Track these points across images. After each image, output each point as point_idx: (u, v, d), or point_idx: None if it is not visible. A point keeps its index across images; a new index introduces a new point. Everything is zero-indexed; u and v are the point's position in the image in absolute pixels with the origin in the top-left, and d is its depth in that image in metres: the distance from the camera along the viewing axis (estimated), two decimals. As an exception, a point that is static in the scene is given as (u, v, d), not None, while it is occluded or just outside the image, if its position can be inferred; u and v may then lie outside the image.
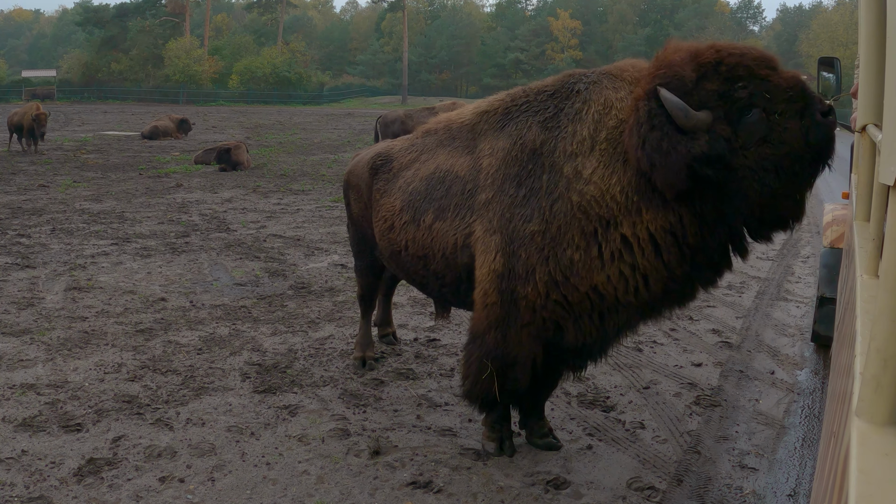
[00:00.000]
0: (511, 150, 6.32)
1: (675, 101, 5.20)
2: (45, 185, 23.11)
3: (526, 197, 6.11)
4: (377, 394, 8.04)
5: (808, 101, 5.23)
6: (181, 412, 7.43)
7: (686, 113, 5.18)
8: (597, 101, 6.06)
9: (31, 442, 6.75)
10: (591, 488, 6.24)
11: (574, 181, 5.89)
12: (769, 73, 5.26)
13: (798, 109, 5.19)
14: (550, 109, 6.27)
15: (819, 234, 15.33)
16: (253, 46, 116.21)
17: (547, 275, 5.98)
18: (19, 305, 10.67)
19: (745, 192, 5.34)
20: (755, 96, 5.21)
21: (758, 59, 5.31)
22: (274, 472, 6.36)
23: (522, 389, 6.54)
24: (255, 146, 36.83)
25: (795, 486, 6.41)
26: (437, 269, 6.86)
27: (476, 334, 6.53)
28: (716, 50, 5.35)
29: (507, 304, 6.21)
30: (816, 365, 9.28)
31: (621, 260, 5.76)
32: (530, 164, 6.18)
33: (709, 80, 5.28)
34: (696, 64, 5.33)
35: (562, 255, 5.91)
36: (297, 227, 17.29)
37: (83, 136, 43.35)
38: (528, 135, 6.27)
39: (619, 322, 6.11)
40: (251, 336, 9.66)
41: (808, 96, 5.25)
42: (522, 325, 6.21)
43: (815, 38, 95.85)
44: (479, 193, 6.43)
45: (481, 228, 6.34)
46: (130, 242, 15.08)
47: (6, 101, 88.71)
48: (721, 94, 5.25)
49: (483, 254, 6.30)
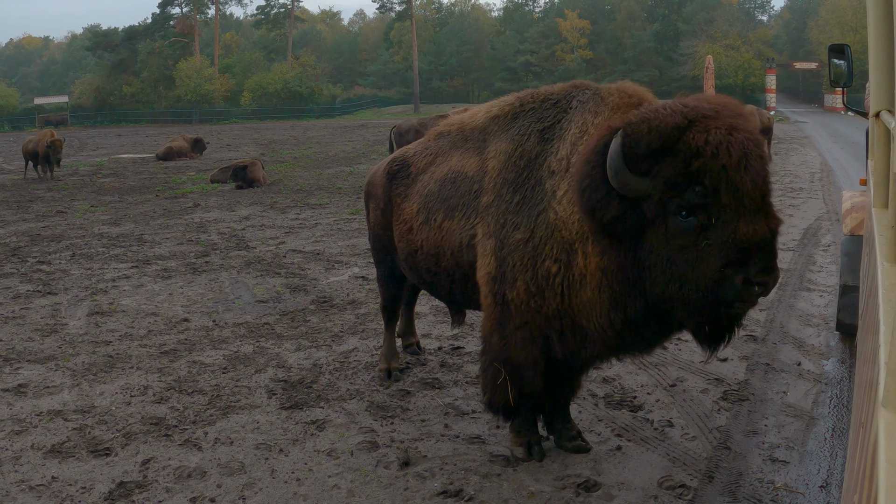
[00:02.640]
0: (512, 155, 6.45)
1: (616, 158, 5.00)
2: (62, 211, 23.21)
3: (519, 204, 6.24)
4: (404, 404, 8.04)
5: (747, 260, 4.82)
6: (209, 432, 7.44)
7: (615, 174, 5.00)
8: (577, 122, 6.16)
9: (61, 468, 6.78)
10: (623, 489, 6.23)
11: (551, 198, 6.01)
12: (735, 204, 4.81)
13: (729, 259, 4.84)
14: (550, 119, 6.40)
15: (839, 222, 15.26)
16: (263, 63, 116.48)
17: (525, 283, 6.07)
18: (43, 332, 10.72)
19: (653, 276, 5.20)
20: (702, 210, 4.88)
21: (738, 185, 4.78)
22: (304, 488, 6.36)
23: (537, 393, 6.56)
24: (270, 162, 36.87)
25: (827, 477, 6.37)
26: (447, 267, 6.97)
27: (484, 337, 6.68)
28: (705, 139, 4.84)
29: (501, 306, 6.33)
30: (843, 354, 9.24)
31: (583, 285, 5.78)
32: (526, 172, 6.30)
33: (670, 159, 4.95)
34: (667, 136, 4.97)
35: (541, 266, 5.98)
36: (316, 241, 17.31)
37: (98, 160, 43.52)
38: (528, 143, 6.40)
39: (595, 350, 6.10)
40: (275, 353, 9.67)
41: (749, 257, 4.81)
42: (516, 327, 6.29)
43: (825, 24, 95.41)
44: (483, 196, 6.57)
45: (482, 231, 6.49)
46: (151, 264, 15.13)
47: (20, 129, 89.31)
48: (671, 181, 4.92)
49: (482, 256, 6.45)
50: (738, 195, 4.80)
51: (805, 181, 25.27)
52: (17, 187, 30.81)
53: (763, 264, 4.83)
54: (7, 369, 9.27)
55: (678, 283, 5.04)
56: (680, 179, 4.87)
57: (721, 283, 4.87)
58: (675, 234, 4.98)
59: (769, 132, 31.05)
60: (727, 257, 4.82)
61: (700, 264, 4.90)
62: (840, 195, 10.99)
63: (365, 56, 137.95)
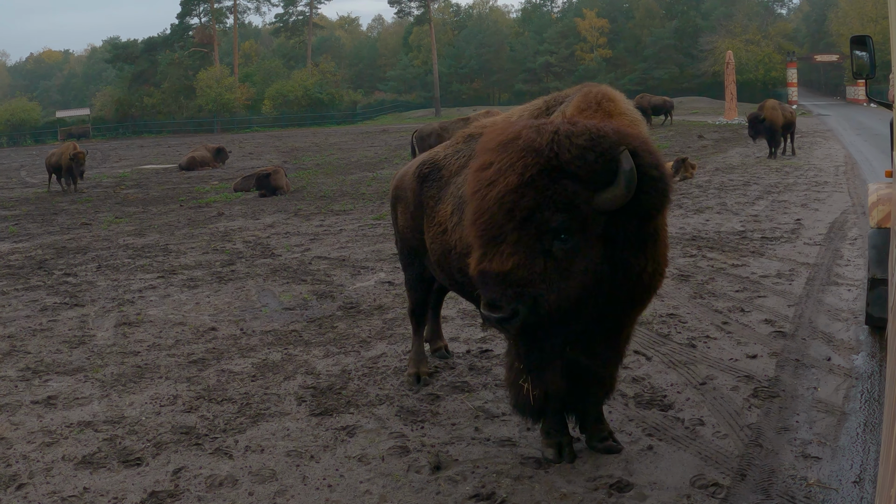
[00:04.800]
0: None
1: None
2: (87, 223, 23.35)
3: None
4: (434, 409, 8.03)
5: None
6: (239, 440, 7.46)
7: None
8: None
9: (93, 479, 6.80)
10: (655, 489, 6.20)
11: None
12: None
13: None
14: None
15: (865, 215, 15.17)
16: (283, 70, 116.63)
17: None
18: (71, 344, 10.77)
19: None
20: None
21: None
22: (336, 494, 6.36)
23: (561, 393, 6.51)
24: (292, 169, 37.00)
25: (860, 472, 6.33)
26: None
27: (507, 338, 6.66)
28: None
29: None
30: (873, 348, 9.18)
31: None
32: None
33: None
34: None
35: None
36: (341, 247, 17.33)
37: (121, 171, 43.80)
38: None
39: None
40: (304, 359, 9.68)
41: None
42: None
43: (845, 15, 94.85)
44: None
45: None
46: (177, 274, 15.18)
47: (42, 143, 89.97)
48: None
49: None
50: None
51: (829, 175, 25.15)
52: (41, 200, 31.02)
53: None
54: (36, 381, 9.32)
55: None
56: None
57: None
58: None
59: (792, 126, 30.96)
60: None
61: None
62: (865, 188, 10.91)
63: (384, 61, 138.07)
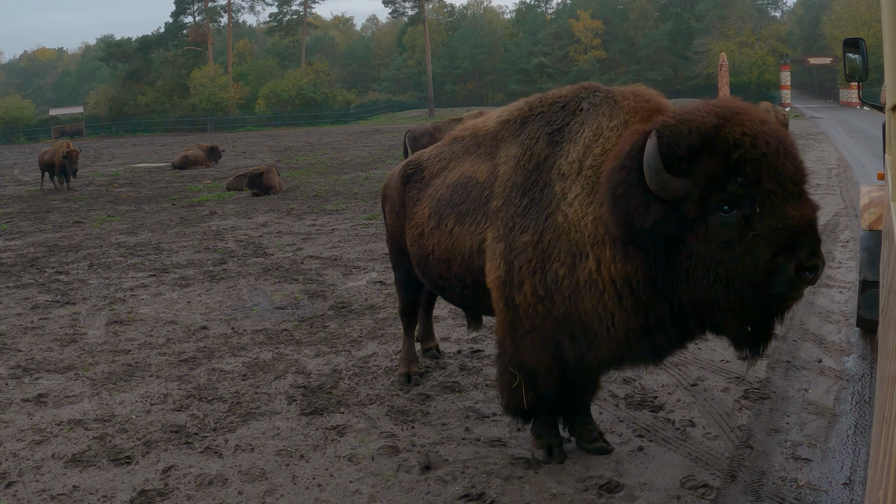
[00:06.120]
0: (521, 158, 6.47)
1: (654, 159, 4.99)
2: (79, 222, 23.33)
3: (527, 207, 6.24)
4: (424, 408, 8.03)
5: (796, 245, 4.83)
6: (229, 439, 7.45)
7: (654, 175, 4.99)
8: (591, 125, 6.12)
9: (82, 477, 6.79)
10: (645, 490, 6.20)
11: (561, 201, 5.99)
12: (779, 189, 4.85)
13: (778, 245, 4.83)
14: (559, 122, 6.41)
15: (857, 218, 15.18)
16: (277, 70, 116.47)
17: (533, 287, 6.07)
18: (62, 342, 10.75)
19: (692, 279, 5.17)
20: (745, 200, 4.88)
21: (780, 171, 4.85)
22: (326, 494, 6.35)
23: (553, 396, 6.53)
24: (285, 169, 36.99)
25: (850, 474, 6.34)
26: (458, 273, 7.00)
27: (498, 341, 6.71)
28: (742, 131, 4.90)
29: (511, 310, 6.33)
30: (864, 350, 9.20)
31: (594, 290, 5.75)
32: (534, 175, 6.30)
33: (709, 156, 4.96)
34: (706, 134, 4.99)
35: (549, 269, 5.98)
36: (333, 247, 17.33)
37: (114, 170, 43.75)
38: (537, 147, 6.41)
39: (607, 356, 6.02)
40: (295, 359, 9.67)
41: (799, 241, 4.83)
42: (525, 331, 6.30)
43: (838, 18, 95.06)
44: (493, 200, 6.59)
45: (491, 235, 6.50)
46: (168, 273, 15.17)
47: (36, 140, 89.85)
48: (712, 176, 4.92)
49: (491, 260, 6.47)
50: (780, 180, 4.83)
51: (822, 177, 25.16)
52: (33, 198, 30.97)
53: (812, 247, 4.85)
54: (27, 379, 9.30)
55: (724, 283, 5.01)
56: (721, 173, 4.89)
57: (772, 273, 4.86)
58: (717, 232, 4.96)
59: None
60: (777, 244, 4.81)
61: (748, 257, 4.89)
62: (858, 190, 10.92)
63: (378, 61, 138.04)
